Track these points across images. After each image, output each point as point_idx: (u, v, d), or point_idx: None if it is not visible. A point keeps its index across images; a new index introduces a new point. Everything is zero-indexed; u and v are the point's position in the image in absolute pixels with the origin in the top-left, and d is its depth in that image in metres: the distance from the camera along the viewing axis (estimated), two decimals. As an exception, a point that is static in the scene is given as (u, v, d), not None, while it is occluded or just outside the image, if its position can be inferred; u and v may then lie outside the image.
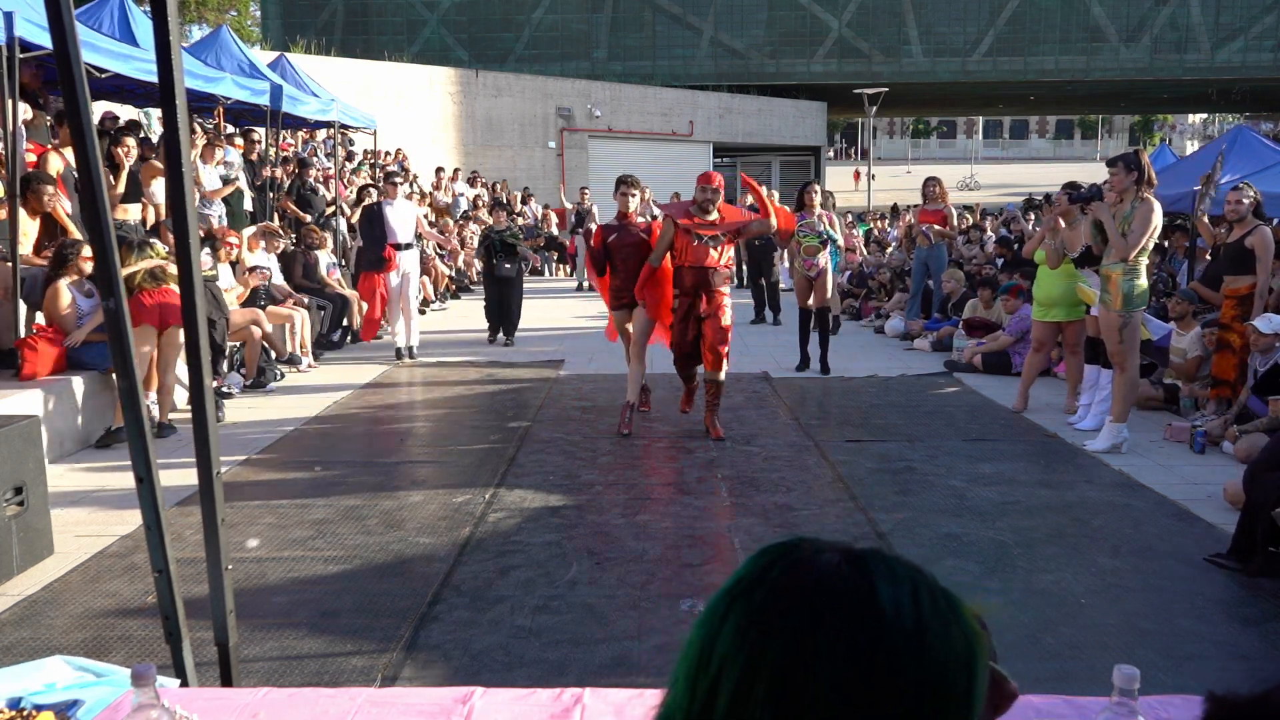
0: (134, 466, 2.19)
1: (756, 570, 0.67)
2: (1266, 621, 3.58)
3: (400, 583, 3.93)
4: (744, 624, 0.63)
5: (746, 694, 0.61)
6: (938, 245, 10.22)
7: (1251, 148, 10.70)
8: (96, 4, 9.51)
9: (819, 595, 0.63)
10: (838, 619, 0.61)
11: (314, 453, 6.00)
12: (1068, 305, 6.73)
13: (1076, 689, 2.11)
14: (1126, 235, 5.58)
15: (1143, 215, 5.57)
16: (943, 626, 0.63)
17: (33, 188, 6.49)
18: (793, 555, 0.67)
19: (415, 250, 9.28)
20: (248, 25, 37.67)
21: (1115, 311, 5.71)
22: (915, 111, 66.86)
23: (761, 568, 0.67)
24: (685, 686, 0.65)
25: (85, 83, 2.01)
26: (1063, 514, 4.82)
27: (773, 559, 0.67)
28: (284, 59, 14.13)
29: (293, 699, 1.80)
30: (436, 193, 16.58)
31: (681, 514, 4.77)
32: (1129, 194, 5.66)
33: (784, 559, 0.67)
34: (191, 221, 2.16)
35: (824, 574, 0.64)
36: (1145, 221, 5.56)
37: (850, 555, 0.66)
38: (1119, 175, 5.71)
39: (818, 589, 0.63)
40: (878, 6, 35.46)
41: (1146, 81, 36.64)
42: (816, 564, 0.65)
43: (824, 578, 0.64)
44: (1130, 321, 5.74)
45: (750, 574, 0.67)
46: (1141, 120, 71.15)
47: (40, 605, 3.73)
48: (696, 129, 30.90)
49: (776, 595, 0.64)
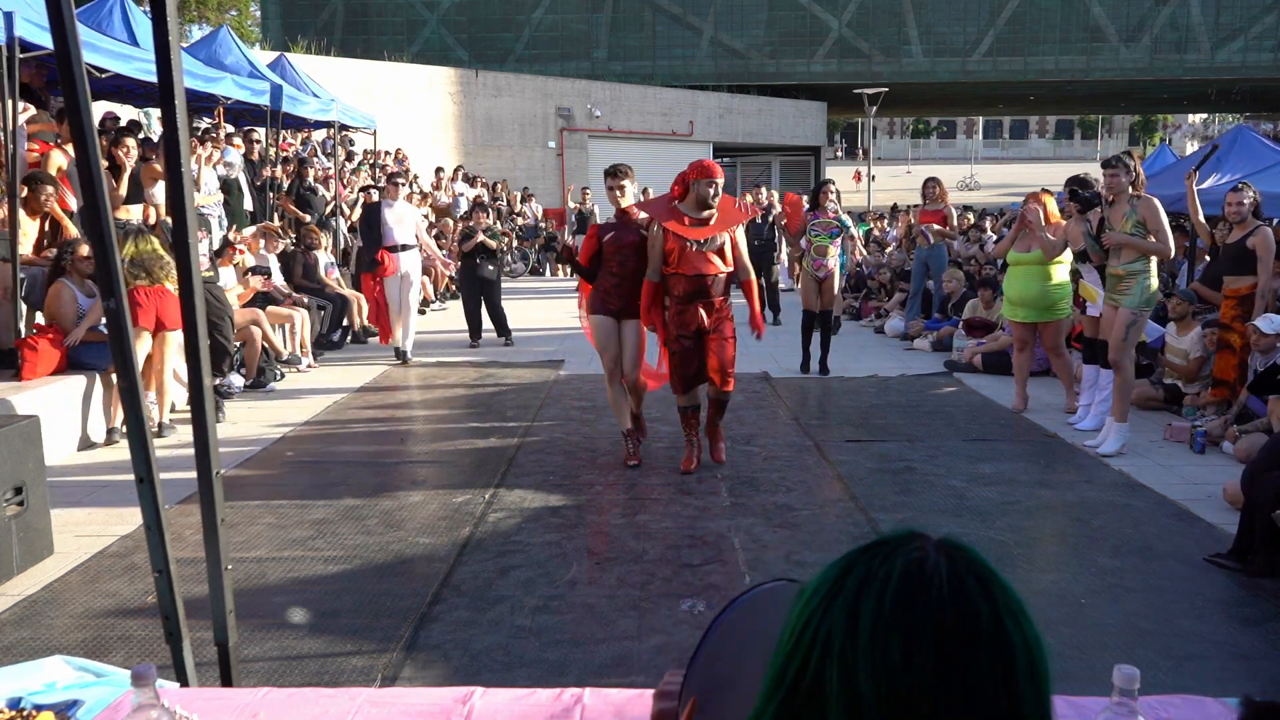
0: (134, 466, 2.19)
1: (876, 578, 0.69)
2: (1266, 621, 3.58)
3: (400, 583, 3.93)
4: (874, 642, 0.66)
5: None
6: (938, 245, 10.22)
7: (1251, 148, 10.71)
8: (97, 4, 9.51)
9: (947, 632, 0.66)
10: (970, 662, 0.65)
11: (314, 453, 6.00)
12: (1040, 307, 6.75)
13: (1076, 689, 2.11)
14: (1144, 236, 5.57)
15: (1152, 211, 5.58)
16: (1040, 645, 0.68)
17: (32, 187, 6.49)
18: (914, 571, 0.69)
19: (415, 252, 8.99)
20: (248, 25, 37.68)
21: (1125, 309, 5.69)
22: (915, 111, 66.86)
23: (884, 578, 0.68)
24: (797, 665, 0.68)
25: (86, 83, 2.01)
26: (1063, 514, 4.82)
27: (893, 568, 0.69)
28: (284, 59, 14.14)
29: (293, 699, 1.80)
30: (437, 193, 16.57)
31: (681, 514, 4.77)
32: (1122, 195, 5.71)
33: (905, 564, 0.69)
34: (191, 221, 2.16)
35: (951, 605, 0.67)
36: (1158, 215, 5.57)
37: (960, 570, 0.69)
38: (1119, 176, 5.71)
39: (948, 623, 0.66)
40: (878, 6, 35.45)
41: (1146, 81, 36.64)
42: (934, 585, 0.68)
43: (949, 609, 0.67)
44: (1139, 321, 5.75)
45: (867, 579, 0.69)
46: (1141, 120, 71.13)
47: (40, 605, 3.73)
48: (696, 129, 30.89)
49: (913, 626, 0.66)
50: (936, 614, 0.65)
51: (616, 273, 5.44)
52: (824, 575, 0.70)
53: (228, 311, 7.25)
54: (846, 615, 0.66)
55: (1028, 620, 0.68)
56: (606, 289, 5.49)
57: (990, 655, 0.65)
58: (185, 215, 2.15)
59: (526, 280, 17.90)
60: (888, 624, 0.65)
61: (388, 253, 8.71)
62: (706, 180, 5.21)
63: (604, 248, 5.48)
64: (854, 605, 0.66)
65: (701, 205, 5.21)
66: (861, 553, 0.70)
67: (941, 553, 0.69)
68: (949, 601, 0.66)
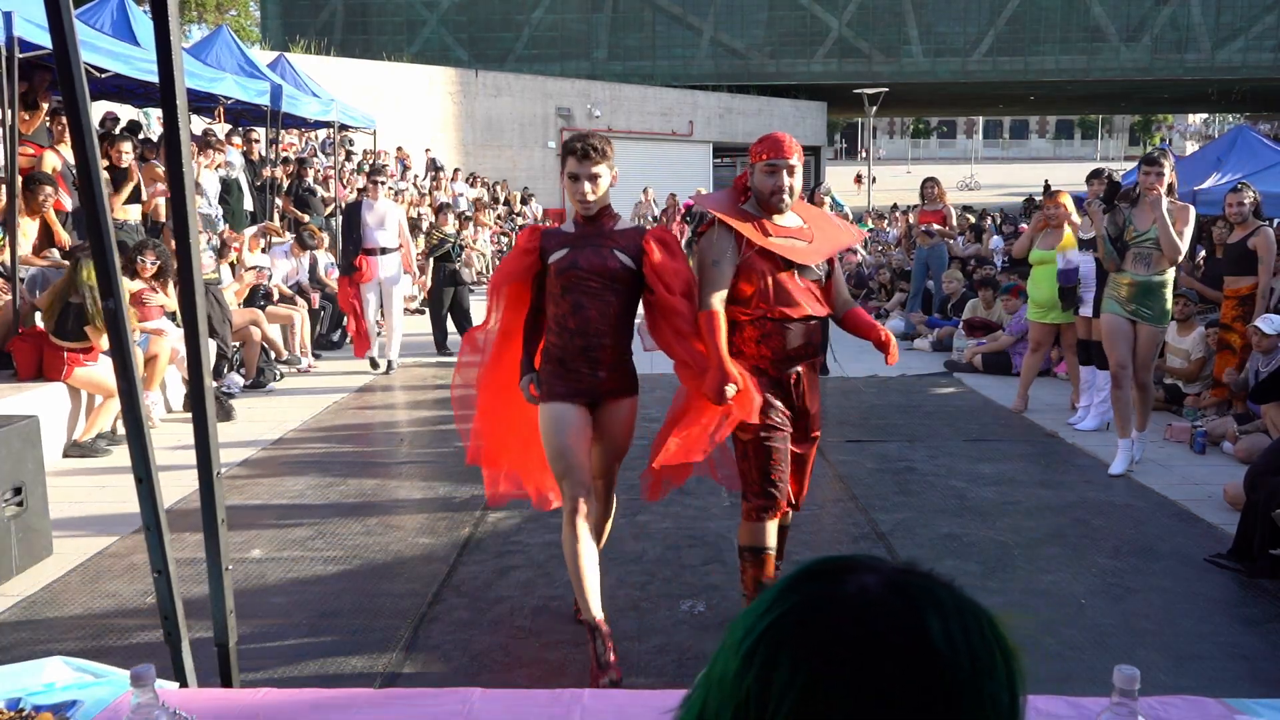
0: (134, 466, 2.19)
1: (796, 604, 0.65)
2: (1267, 621, 3.58)
3: (400, 583, 3.93)
4: (792, 665, 0.62)
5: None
6: (938, 245, 10.23)
7: (1251, 148, 10.71)
8: (96, 4, 9.51)
9: (871, 640, 0.61)
10: (895, 667, 0.60)
11: (314, 453, 6.00)
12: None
13: (1076, 689, 2.11)
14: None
15: (1184, 217, 5.13)
16: (990, 655, 0.63)
17: (30, 188, 6.49)
18: (834, 588, 0.65)
19: (396, 256, 8.27)
20: (248, 25, 37.66)
21: (1155, 326, 5.26)
22: (915, 111, 66.87)
23: (800, 603, 0.65)
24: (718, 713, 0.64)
25: (85, 83, 2.01)
26: (1063, 514, 4.82)
27: (810, 590, 0.65)
28: (284, 59, 14.14)
29: (293, 699, 1.80)
30: (436, 192, 16.58)
31: (681, 514, 4.77)
32: (1158, 198, 5.12)
33: (825, 591, 0.65)
34: (192, 221, 2.16)
35: (871, 610, 0.63)
36: (1188, 223, 5.13)
37: (893, 582, 0.65)
38: (1163, 176, 5.09)
39: (868, 633, 0.62)
40: (878, 6, 35.44)
41: (1147, 81, 36.61)
42: (862, 599, 0.63)
43: (871, 615, 0.62)
44: (1163, 335, 5.48)
45: (789, 607, 0.65)
46: (1141, 120, 71.15)
47: (40, 605, 3.73)
48: (696, 129, 30.87)
49: (826, 641, 0.62)
50: (851, 646, 0.61)
51: (572, 326, 3.12)
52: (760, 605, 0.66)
53: (227, 315, 7.26)
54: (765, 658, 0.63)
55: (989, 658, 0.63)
56: (564, 353, 3.17)
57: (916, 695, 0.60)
58: (186, 215, 2.15)
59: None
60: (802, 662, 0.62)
61: (366, 257, 8.07)
62: (772, 162, 3.15)
63: (549, 274, 3.18)
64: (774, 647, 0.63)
65: (770, 207, 3.22)
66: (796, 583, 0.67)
67: (880, 580, 0.65)
68: (870, 633, 0.62)
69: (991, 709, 0.62)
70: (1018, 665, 0.65)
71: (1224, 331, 6.64)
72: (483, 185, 20.53)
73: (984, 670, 0.62)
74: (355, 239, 8.07)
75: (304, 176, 11.42)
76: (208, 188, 8.96)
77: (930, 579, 0.66)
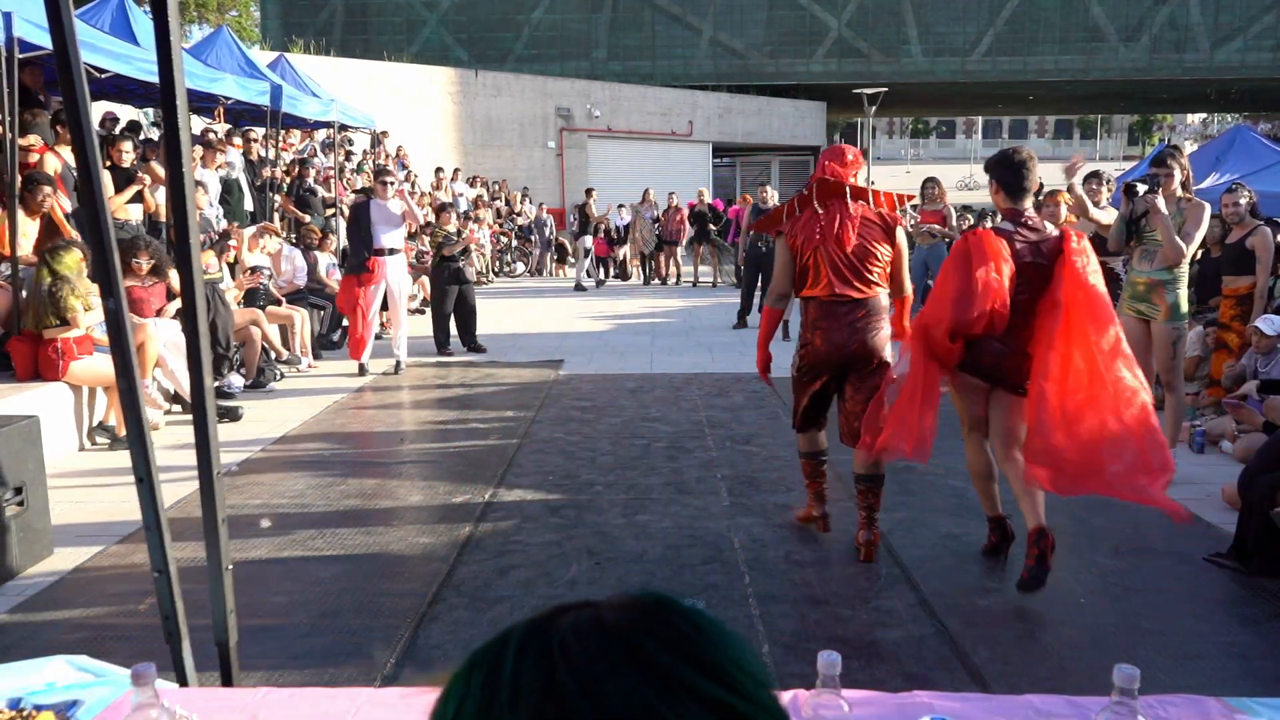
0: (134, 466, 2.19)
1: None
2: (1266, 621, 3.59)
3: (400, 583, 3.93)
4: None
5: None
6: (937, 245, 10.23)
7: (1250, 147, 10.72)
8: (96, 4, 9.52)
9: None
10: None
11: (314, 453, 6.00)
12: None
13: (1076, 689, 2.11)
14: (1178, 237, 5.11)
15: (1196, 216, 5.16)
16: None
17: (30, 188, 6.50)
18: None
19: (401, 257, 8.36)
20: (248, 25, 37.66)
21: (1165, 324, 5.30)
22: (915, 111, 66.83)
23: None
24: None
25: (85, 83, 2.01)
26: (1062, 513, 4.81)
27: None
28: (284, 59, 14.15)
29: (293, 699, 1.80)
30: (436, 192, 16.59)
31: (681, 514, 4.77)
32: (1171, 195, 5.21)
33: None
34: (192, 221, 2.16)
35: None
36: (1199, 223, 5.14)
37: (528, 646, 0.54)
38: (1171, 176, 5.15)
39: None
40: (877, 6, 35.45)
41: (1146, 81, 36.64)
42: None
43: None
44: (1182, 334, 5.42)
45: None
46: (1140, 120, 71.11)
47: (40, 605, 3.73)
48: (696, 129, 30.89)
49: None
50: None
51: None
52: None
53: (229, 315, 7.26)
54: None
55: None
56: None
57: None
58: (186, 215, 2.15)
59: (528, 281, 17.89)
60: None
61: (375, 258, 8.08)
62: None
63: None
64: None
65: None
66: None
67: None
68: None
69: None
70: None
71: (1221, 331, 6.64)
72: (482, 185, 20.53)
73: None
74: (366, 239, 8.09)
75: (305, 177, 11.42)
76: (210, 187, 8.98)
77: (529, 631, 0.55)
